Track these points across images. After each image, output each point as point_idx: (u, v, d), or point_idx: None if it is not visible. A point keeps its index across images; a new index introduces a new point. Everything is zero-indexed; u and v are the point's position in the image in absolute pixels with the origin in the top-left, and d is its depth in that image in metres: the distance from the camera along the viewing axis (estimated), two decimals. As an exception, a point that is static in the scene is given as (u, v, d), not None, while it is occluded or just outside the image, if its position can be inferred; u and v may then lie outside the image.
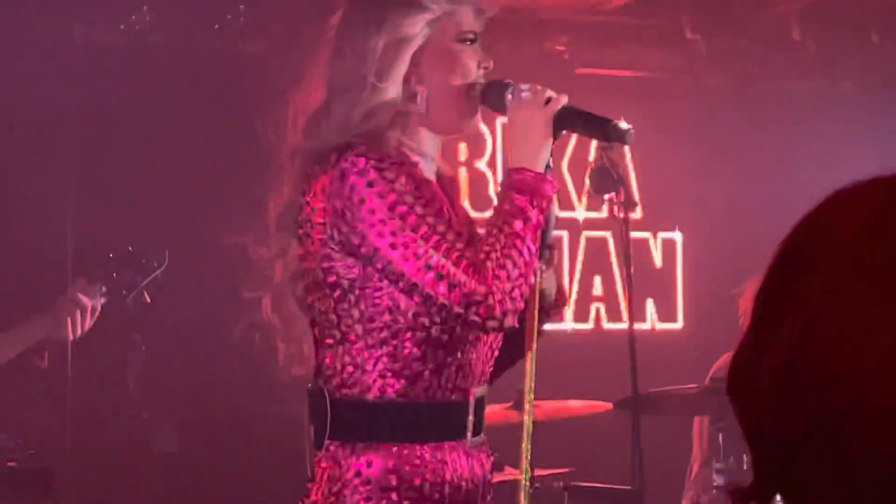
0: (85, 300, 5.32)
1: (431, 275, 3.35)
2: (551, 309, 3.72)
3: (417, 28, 3.51)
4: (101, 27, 7.04)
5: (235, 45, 7.43)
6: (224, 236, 6.94)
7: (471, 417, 3.56)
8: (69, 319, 5.27)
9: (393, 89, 3.49)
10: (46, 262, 6.78)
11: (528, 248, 3.40)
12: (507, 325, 3.40)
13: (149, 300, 5.56)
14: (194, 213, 7.17)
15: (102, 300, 5.41)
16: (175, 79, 7.17)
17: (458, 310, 3.36)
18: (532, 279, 3.43)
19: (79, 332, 5.31)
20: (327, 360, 3.53)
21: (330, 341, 3.52)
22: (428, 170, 3.57)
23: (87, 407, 6.83)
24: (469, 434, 3.57)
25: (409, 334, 3.46)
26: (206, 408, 7.15)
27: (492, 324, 3.38)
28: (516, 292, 3.36)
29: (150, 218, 6.94)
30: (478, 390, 3.58)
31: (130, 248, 5.59)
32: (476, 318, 3.36)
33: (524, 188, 3.44)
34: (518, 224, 3.40)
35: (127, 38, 7.09)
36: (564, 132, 3.59)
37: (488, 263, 3.35)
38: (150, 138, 7.10)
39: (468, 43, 3.57)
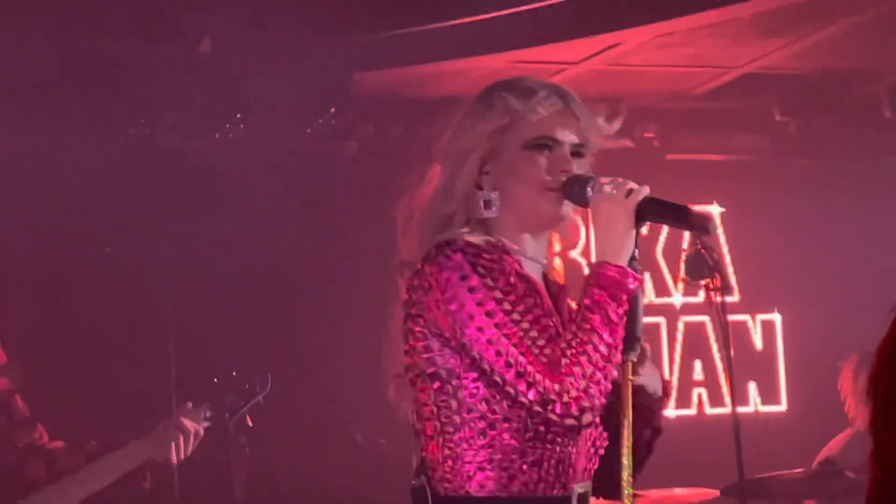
0: (189, 425, 5.37)
1: (512, 372, 3.38)
2: (654, 404, 3.66)
3: (478, 139, 3.58)
4: (195, 137, 7.10)
5: (326, 147, 7.48)
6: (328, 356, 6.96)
7: None
8: (173, 444, 5.31)
9: (460, 195, 3.57)
10: (150, 387, 6.84)
11: (607, 343, 3.39)
12: (586, 421, 3.39)
13: (251, 424, 5.61)
14: (295, 328, 7.20)
15: (206, 424, 5.46)
16: (269, 186, 7.21)
17: (536, 408, 3.38)
18: (613, 373, 3.41)
19: (182, 455, 5.36)
20: (428, 453, 3.53)
21: (430, 433, 3.53)
22: (530, 267, 3.58)
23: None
24: None
25: (506, 425, 3.46)
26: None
27: (569, 421, 3.38)
28: (593, 389, 3.36)
29: (250, 338, 6.97)
30: (580, 486, 3.56)
31: (234, 374, 5.63)
32: (554, 416, 3.37)
33: (605, 283, 3.45)
34: (596, 319, 3.41)
35: (221, 146, 7.13)
36: (647, 223, 3.57)
37: (563, 360, 3.37)
38: (248, 254, 7.13)
39: (541, 150, 3.58)
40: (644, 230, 3.62)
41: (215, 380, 5.61)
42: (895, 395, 1.48)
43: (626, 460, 3.52)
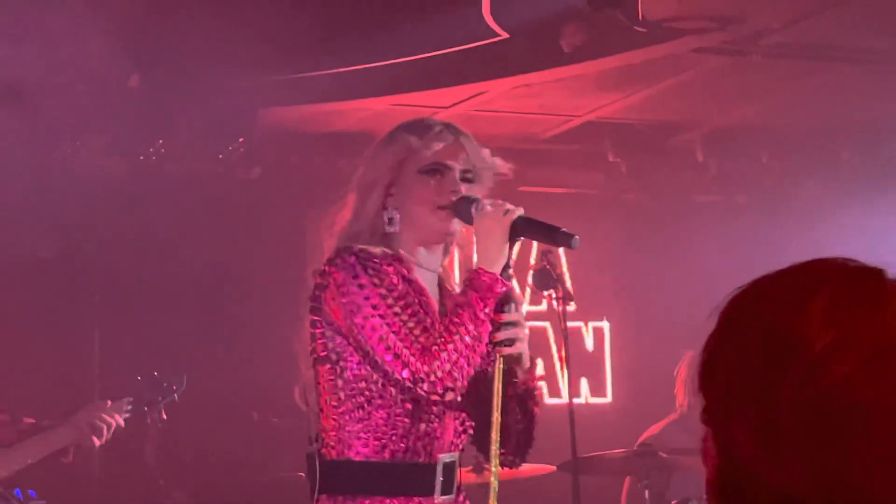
0: (108, 419, 5.29)
1: (390, 354, 3.44)
2: (521, 378, 3.68)
3: (383, 170, 3.65)
4: (120, 157, 7.02)
5: (235, 171, 7.43)
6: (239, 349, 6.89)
7: (439, 478, 3.55)
8: (94, 430, 5.25)
9: (369, 214, 3.64)
10: (74, 380, 6.74)
11: (472, 335, 3.45)
12: (448, 398, 3.48)
13: (165, 417, 5.56)
14: (209, 331, 7.13)
15: (127, 415, 5.40)
16: (186, 202, 7.16)
17: (408, 384, 3.44)
18: (476, 361, 3.47)
19: (102, 440, 5.30)
20: (320, 425, 3.59)
21: (322, 407, 3.60)
22: (422, 275, 3.65)
23: (113, 478, 6.75)
24: (437, 493, 3.54)
25: (379, 401, 3.53)
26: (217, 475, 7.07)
27: (434, 397, 3.46)
28: (456, 372, 3.43)
29: (168, 339, 6.89)
30: (446, 457, 3.58)
31: (156, 373, 5.57)
32: (422, 392, 3.44)
33: (477, 286, 3.50)
34: (465, 315, 3.47)
35: (145, 167, 7.07)
36: (521, 238, 3.60)
37: (434, 347, 3.43)
38: (166, 260, 7.05)
39: (433, 174, 3.61)
40: (517, 245, 3.66)
41: (138, 377, 5.56)
42: (734, 386, 1.48)
43: (495, 435, 3.56)
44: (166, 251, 7.05)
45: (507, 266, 3.55)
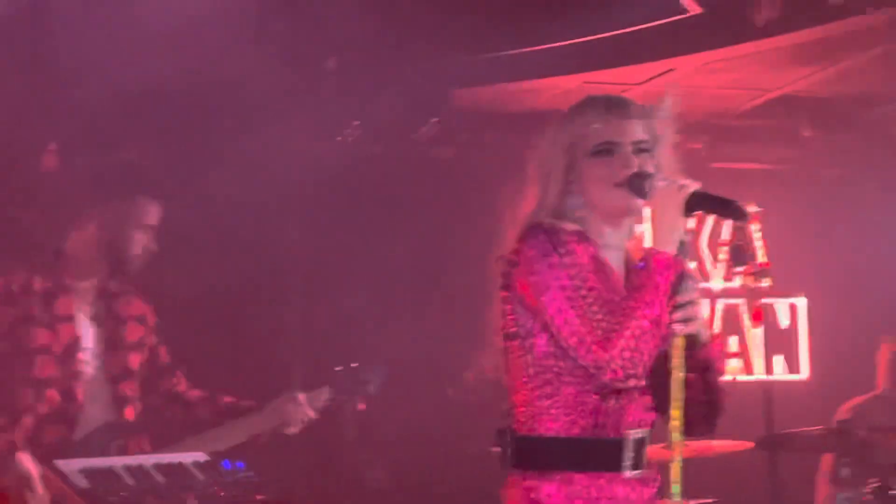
0: (304, 411, 5.39)
1: (575, 339, 3.45)
2: (699, 347, 3.68)
3: (557, 157, 3.64)
4: (322, 138, 7.16)
5: (428, 151, 7.53)
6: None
7: (630, 454, 3.58)
8: (294, 418, 5.35)
9: (552, 201, 3.64)
10: (272, 364, 6.84)
11: (650, 319, 3.43)
12: (631, 384, 3.49)
13: (362, 408, 5.62)
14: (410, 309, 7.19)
15: (323, 404, 5.48)
16: (385, 183, 7.25)
17: (592, 370, 3.46)
18: (654, 343, 3.46)
19: (297, 430, 5.40)
20: (511, 401, 3.63)
21: (513, 384, 3.63)
22: (608, 254, 3.64)
23: (314, 452, 6.88)
24: (628, 468, 3.58)
25: (569, 378, 3.54)
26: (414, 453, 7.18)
27: (618, 384, 3.47)
28: (636, 358, 3.42)
29: (365, 320, 6.98)
30: (635, 432, 3.60)
31: (354, 364, 5.61)
32: (605, 379, 3.45)
33: (653, 266, 3.49)
34: (642, 298, 3.45)
35: (343, 146, 7.19)
36: (697, 212, 3.60)
37: (613, 334, 3.42)
38: (369, 243, 7.13)
39: (605, 153, 3.62)
40: (692, 220, 3.66)
41: (338, 368, 5.60)
42: None
43: (676, 412, 3.56)
44: (367, 233, 7.14)
45: (682, 243, 3.55)
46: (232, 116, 6.61)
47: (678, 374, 3.55)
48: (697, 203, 3.56)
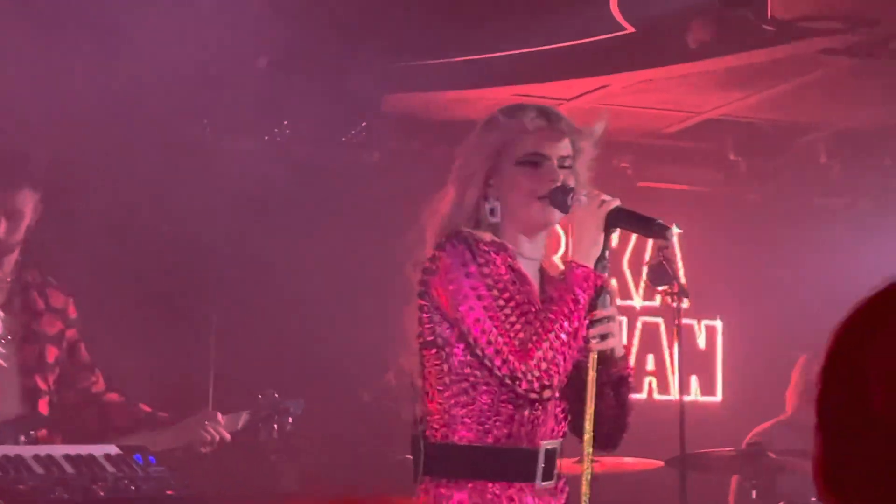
0: (217, 432, 5.36)
1: (492, 350, 3.50)
2: (614, 363, 3.72)
3: (481, 161, 3.67)
4: (247, 137, 7.13)
5: (356, 155, 7.52)
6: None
7: (540, 465, 3.61)
8: (209, 437, 5.32)
9: (469, 205, 3.67)
10: (189, 379, 6.76)
11: (567, 332, 3.48)
12: (546, 396, 3.53)
13: (276, 436, 5.63)
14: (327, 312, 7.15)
15: (240, 428, 5.47)
16: (308, 185, 7.21)
17: (507, 381, 3.50)
18: (571, 356, 3.51)
19: (209, 451, 5.37)
20: (425, 408, 3.67)
21: (427, 390, 3.66)
22: (524, 264, 3.68)
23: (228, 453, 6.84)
24: (538, 479, 3.60)
25: (484, 387, 3.57)
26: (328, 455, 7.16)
27: (533, 395, 3.51)
28: (552, 370, 3.47)
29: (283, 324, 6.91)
30: (547, 443, 3.63)
31: (276, 395, 5.62)
32: (520, 391, 3.50)
33: (571, 279, 3.53)
34: (560, 311, 3.50)
35: (271, 147, 7.16)
36: (617, 229, 3.63)
37: (530, 345, 3.47)
38: (288, 247, 7.07)
39: (531, 164, 3.64)
40: (614, 236, 3.70)
41: (259, 396, 5.61)
42: (856, 378, 1.52)
43: (588, 425, 3.60)
44: (291, 234, 7.08)
45: (601, 258, 3.58)
46: (157, 110, 6.55)
47: (592, 389, 3.59)
48: (618, 219, 3.60)
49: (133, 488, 4.50)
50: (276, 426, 5.61)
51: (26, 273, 5.28)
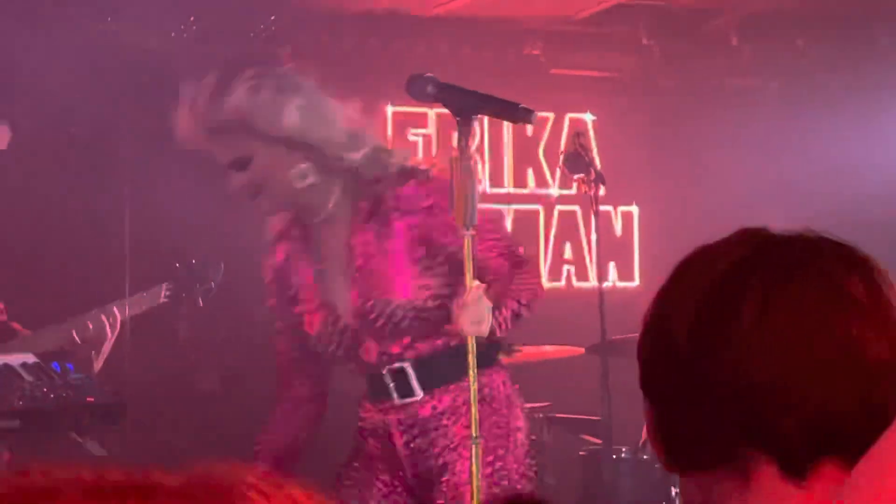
0: (108, 331, 5.29)
1: None
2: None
3: None
4: (154, 33, 7.04)
5: (266, 49, 7.46)
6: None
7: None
8: (107, 331, 5.26)
9: None
10: (104, 265, 6.72)
11: None
12: None
13: (201, 304, 5.60)
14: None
15: (164, 300, 5.44)
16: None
17: None
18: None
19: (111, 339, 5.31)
20: None
21: None
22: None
23: (145, 354, 6.84)
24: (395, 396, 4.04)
25: None
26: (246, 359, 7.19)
27: None
28: None
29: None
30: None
31: (194, 261, 5.60)
32: None
33: None
34: None
35: (176, 44, 7.09)
36: (480, 115, 3.61)
37: None
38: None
39: None
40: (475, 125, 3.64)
41: (177, 265, 5.59)
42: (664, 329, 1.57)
43: (474, 410, 3.70)
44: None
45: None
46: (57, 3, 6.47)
47: (473, 372, 3.66)
48: (478, 106, 3.58)
49: (52, 396, 4.49)
50: (199, 299, 5.58)
51: None
